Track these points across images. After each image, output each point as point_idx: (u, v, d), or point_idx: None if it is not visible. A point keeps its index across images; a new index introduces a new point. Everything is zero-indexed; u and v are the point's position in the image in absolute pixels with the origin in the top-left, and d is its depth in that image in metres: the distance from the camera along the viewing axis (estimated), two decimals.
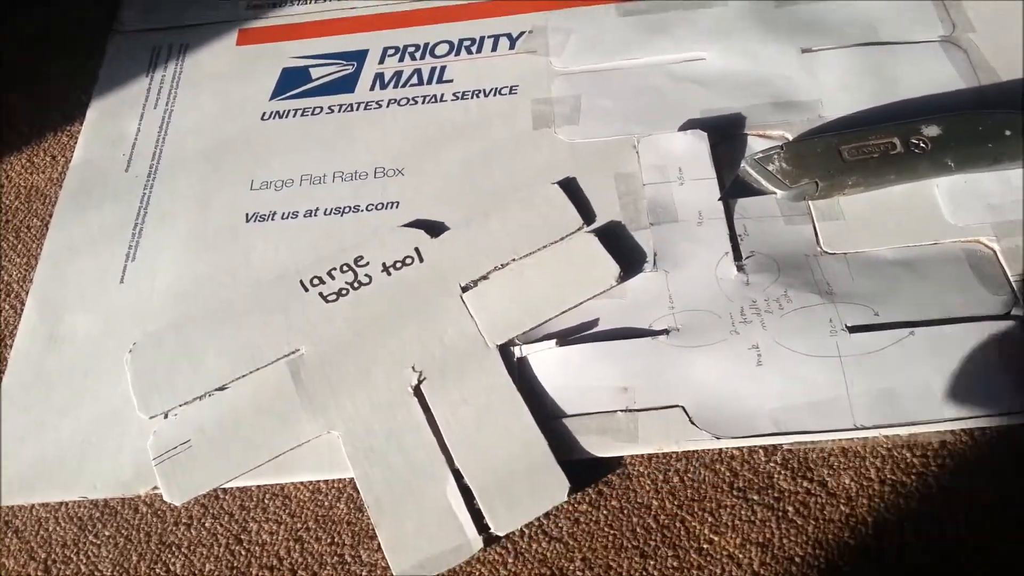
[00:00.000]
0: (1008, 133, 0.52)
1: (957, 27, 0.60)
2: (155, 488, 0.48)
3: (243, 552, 0.47)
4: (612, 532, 0.45)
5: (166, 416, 0.49)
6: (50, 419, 0.51)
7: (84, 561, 0.47)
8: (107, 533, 0.48)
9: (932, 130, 0.52)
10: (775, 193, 0.53)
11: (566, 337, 0.50)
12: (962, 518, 0.43)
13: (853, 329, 0.48)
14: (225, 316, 0.53)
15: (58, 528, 0.49)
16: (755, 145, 0.56)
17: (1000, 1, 0.61)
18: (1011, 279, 0.49)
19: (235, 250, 0.57)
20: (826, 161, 0.52)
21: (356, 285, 0.53)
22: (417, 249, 0.54)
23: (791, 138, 0.56)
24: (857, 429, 0.45)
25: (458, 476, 0.46)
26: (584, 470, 0.46)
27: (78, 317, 0.55)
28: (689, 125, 0.57)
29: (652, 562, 0.44)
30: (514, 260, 0.53)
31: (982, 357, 0.46)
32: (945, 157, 0.52)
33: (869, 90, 0.58)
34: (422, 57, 0.66)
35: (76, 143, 0.64)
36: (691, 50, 0.62)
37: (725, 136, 0.57)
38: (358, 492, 0.47)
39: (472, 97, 0.63)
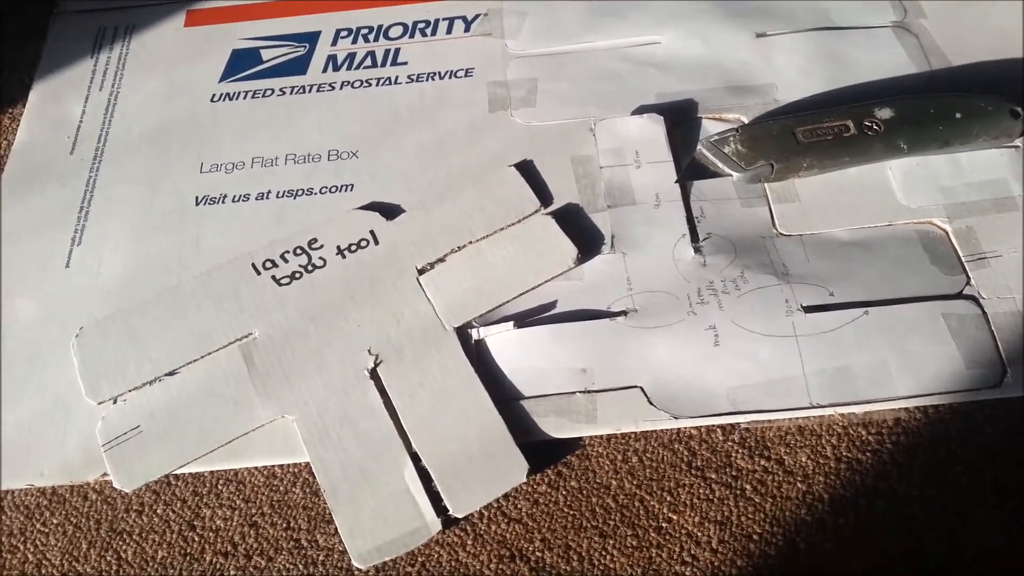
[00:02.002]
0: (958, 116, 0.52)
1: (908, 13, 0.61)
2: (104, 475, 0.46)
3: (196, 538, 0.46)
4: (571, 512, 0.45)
5: (115, 402, 0.48)
6: None
7: (32, 550, 0.46)
8: (55, 521, 0.47)
9: (885, 113, 0.53)
10: (731, 175, 0.53)
11: (524, 319, 0.49)
12: (916, 494, 0.44)
13: (808, 309, 0.48)
14: (175, 300, 0.51)
15: (4, 517, 0.47)
16: (711, 128, 0.56)
17: None
18: (963, 259, 0.50)
19: (184, 234, 0.55)
20: (781, 143, 0.53)
21: (310, 268, 0.52)
22: (372, 232, 0.53)
23: (747, 121, 0.56)
24: (813, 407, 0.46)
25: (416, 459, 0.45)
26: (543, 451, 0.46)
27: (21, 302, 0.53)
28: (645, 108, 0.57)
29: (611, 541, 0.44)
30: (471, 242, 0.52)
31: (934, 336, 0.47)
32: (898, 139, 0.52)
33: (823, 74, 0.58)
34: (376, 39, 0.65)
35: (18, 126, 0.62)
36: (647, 34, 0.62)
37: (681, 120, 0.57)
38: (314, 476, 0.46)
39: (427, 80, 0.62)
